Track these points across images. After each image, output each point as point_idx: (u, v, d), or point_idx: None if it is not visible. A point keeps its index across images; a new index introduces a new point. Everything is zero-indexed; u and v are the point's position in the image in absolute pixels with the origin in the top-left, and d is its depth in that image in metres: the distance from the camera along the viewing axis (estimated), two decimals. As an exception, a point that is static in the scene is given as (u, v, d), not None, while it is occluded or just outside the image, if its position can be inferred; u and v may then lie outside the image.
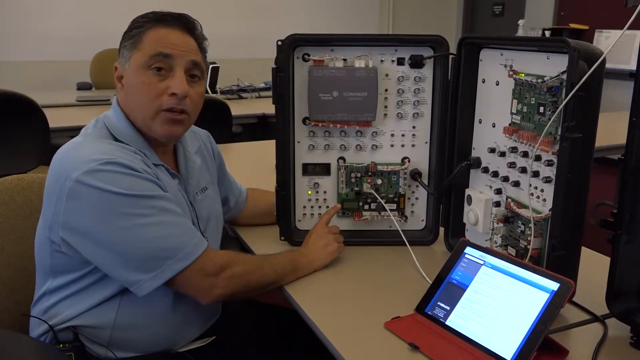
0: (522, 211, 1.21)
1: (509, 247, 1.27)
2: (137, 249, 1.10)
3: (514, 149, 1.24)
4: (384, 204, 1.47)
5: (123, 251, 1.09)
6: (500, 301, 1.02)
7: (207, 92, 3.86)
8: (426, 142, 1.46)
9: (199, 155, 1.40)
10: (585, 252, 1.16)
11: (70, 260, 1.15)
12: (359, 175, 1.47)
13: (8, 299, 1.32)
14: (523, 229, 1.24)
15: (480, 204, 1.32)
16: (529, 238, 1.19)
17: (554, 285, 0.96)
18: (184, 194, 1.27)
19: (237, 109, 3.53)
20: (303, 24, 6.11)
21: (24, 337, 1.17)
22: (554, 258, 1.09)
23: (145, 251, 1.10)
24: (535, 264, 1.15)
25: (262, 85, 4.36)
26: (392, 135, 1.45)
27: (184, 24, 1.23)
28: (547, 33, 5.84)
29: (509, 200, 1.27)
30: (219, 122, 3.01)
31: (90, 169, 1.08)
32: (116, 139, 1.19)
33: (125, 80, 1.22)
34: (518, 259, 1.08)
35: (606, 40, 5.37)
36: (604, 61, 1.01)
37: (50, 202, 1.13)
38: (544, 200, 1.18)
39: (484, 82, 1.34)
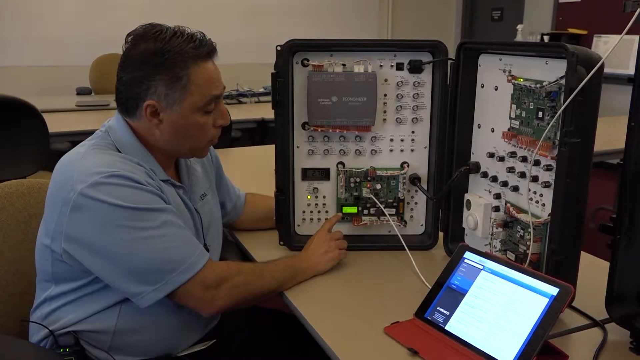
0: (521, 216, 1.21)
1: (508, 251, 1.27)
2: (140, 261, 1.10)
3: (513, 154, 1.25)
4: (383, 208, 1.47)
5: (125, 264, 1.10)
6: (499, 306, 1.02)
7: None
8: (425, 147, 1.46)
9: (198, 162, 1.41)
10: (584, 256, 1.16)
11: (71, 269, 1.15)
12: (358, 180, 1.47)
13: (7, 303, 1.32)
14: (522, 234, 1.24)
15: (479, 208, 1.33)
16: (528, 243, 1.19)
17: (554, 290, 0.96)
18: (189, 203, 1.28)
19: (237, 113, 3.54)
20: (302, 29, 6.12)
21: (23, 343, 1.17)
22: (554, 263, 1.09)
23: (147, 264, 1.11)
24: (535, 268, 1.15)
25: (262, 90, 4.35)
26: (391, 140, 1.46)
27: (214, 52, 1.22)
28: (546, 38, 5.84)
29: (508, 205, 1.27)
30: (218, 126, 3.01)
31: (94, 182, 1.08)
32: (119, 151, 1.19)
33: (171, 120, 1.18)
34: (517, 264, 1.09)
35: (605, 45, 5.38)
36: (602, 66, 1.01)
37: (52, 212, 1.13)
38: (543, 205, 1.18)
39: (482, 87, 1.34)
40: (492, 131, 1.32)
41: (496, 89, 1.29)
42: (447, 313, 1.07)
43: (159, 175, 1.21)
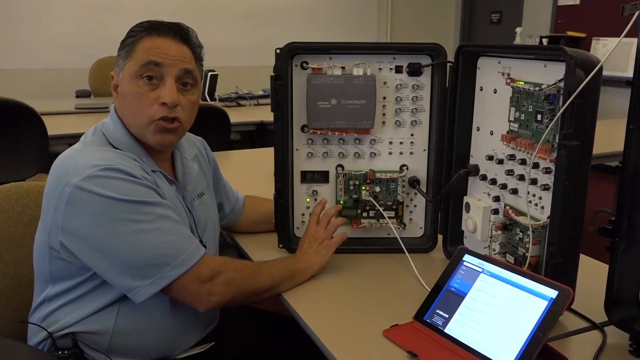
0: (520, 218, 1.21)
1: (507, 254, 1.27)
2: (135, 255, 1.10)
3: (511, 157, 1.25)
4: (382, 211, 1.47)
5: (120, 257, 1.10)
6: (498, 309, 1.02)
7: (205, 100, 3.84)
8: (424, 150, 1.46)
9: (195, 161, 1.41)
10: (583, 259, 1.16)
11: (69, 267, 1.15)
12: (357, 182, 1.47)
13: (6, 306, 1.32)
14: (521, 237, 1.24)
15: (478, 211, 1.33)
16: (527, 245, 1.19)
17: (553, 293, 0.96)
18: (182, 201, 1.28)
19: (236, 116, 3.54)
20: (302, 32, 6.13)
21: (22, 345, 1.17)
22: (553, 265, 1.09)
23: (142, 257, 1.10)
24: (534, 271, 1.15)
25: (261, 92, 4.36)
26: (391, 142, 1.46)
27: (178, 32, 1.23)
28: (545, 41, 5.86)
29: (507, 207, 1.27)
30: (217, 129, 3.02)
31: (89, 175, 1.08)
32: (114, 147, 1.20)
33: (120, 89, 1.23)
34: (516, 267, 1.09)
35: (603, 48, 5.40)
36: (600, 69, 1.01)
37: (49, 207, 1.13)
38: (542, 207, 1.18)
39: (481, 89, 1.34)
40: (491, 134, 1.32)
41: (495, 92, 1.29)
42: (447, 316, 1.07)
43: (149, 165, 1.21)
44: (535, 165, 1.17)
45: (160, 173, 1.24)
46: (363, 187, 1.47)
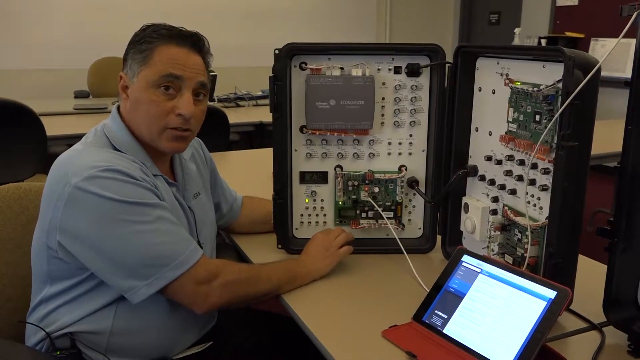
0: (519, 219, 1.22)
1: (506, 255, 1.27)
2: (132, 256, 1.10)
3: (510, 157, 1.25)
4: (381, 212, 1.47)
5: (118, 257, 1.10)
6: (497, 309, 1.02)
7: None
8: (423, 150, 1.46)
9: (192, 161, 1.41)
10: (582, 260, 1.16)
11: (67, 267, 1.15)
12: (356, 183, 1.47)
13: (4, 307, 1.32)
14: (520, 237, 1.24)
15: (477, 212, 1.33)
16: (526, 246, 1.19)
17: (551, 293, 0.96)
18: (182, 201, 1.28)
19: (235, 117, 3.54)
20: (300, 33, 6.13)
21: (20, 346, 1.17)
22: (551, 266, 1.09)
23: (140, 258, 1.11)
24: (533, 272, 1.15)
25: (260, 93, 4.36)
26: (389, 143, 1.46)
27: (196, 43, 1.24)
28: (543, 41, 5.87)
29: (506, 208, 1.27)
30: (216, 130, 3.01)
31: (89, 176, 1.08)
32: (115, 148, 1.20)
33: (132, 93, 1.22)
34: (515, 267, 1.09)
35: (602, 49, 5.41)
36: (599, 70, 1.01)
37: (48, 207, 1.13)
38: (541, 208, 1.18)
39: (480, 90, 1.35)
40: (490, 134, 1.32)
41: (494, 93, 1.30)
42: (445, 316, 1.07)
43: (150, 169, 1.22)
44: (534, 166, 1.18)
45: (162, 177, 1.25)
46: (362, 188, 1.47)
